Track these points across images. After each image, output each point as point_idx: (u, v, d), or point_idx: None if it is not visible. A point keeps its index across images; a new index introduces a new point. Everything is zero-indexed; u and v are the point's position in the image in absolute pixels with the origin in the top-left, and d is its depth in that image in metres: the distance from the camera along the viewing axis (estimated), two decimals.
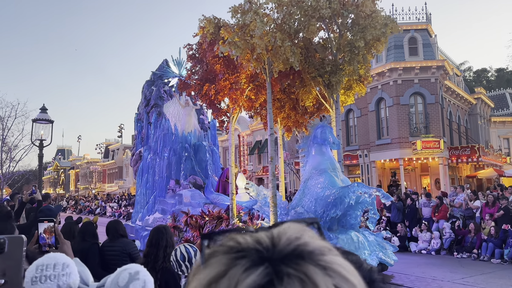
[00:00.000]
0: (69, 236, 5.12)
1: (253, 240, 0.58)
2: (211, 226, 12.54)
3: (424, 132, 25.21)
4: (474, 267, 12.66)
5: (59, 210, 6.36)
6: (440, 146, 24.70)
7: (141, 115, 18.94)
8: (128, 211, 31.25)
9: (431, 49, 26.63)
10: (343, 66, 11.47)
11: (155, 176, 16.67)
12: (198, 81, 12.26)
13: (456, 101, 32.27)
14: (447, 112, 29.48)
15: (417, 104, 26.42)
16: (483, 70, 63.29)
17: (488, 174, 29.90)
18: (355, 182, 10.37)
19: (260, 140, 41.65)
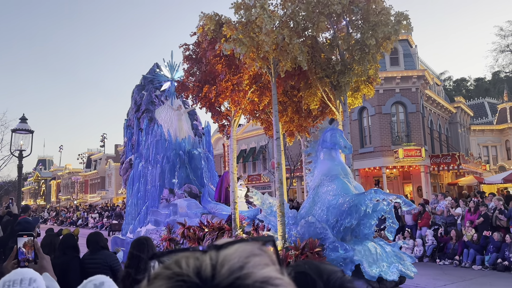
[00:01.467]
0: (50, 249, 5.09)
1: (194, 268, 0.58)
2: (211, 238, 11.48)
3: (405, 141, 25.70)
4: (456, 273, 12.89)
5: (37, 222, 5.61)
6: (421, 154, 25.12)
7: (131, 121, 17.82)
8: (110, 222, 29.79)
9: (411, 59, 27.16)
10: (352, 66, 10.59)
11: (147, 185, 15.55)
12: (196, 82, 11.24)
13: (436, 110, 32.83)
14: (428, 120, 30.04)
15: (398, 113, 26.84)
16: (463, 80, 64.27)
17: (469, 181, 30.43)
18: (372, 189, 9.50)
19: (245, 149, 40.90)
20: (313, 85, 11.54)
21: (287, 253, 9.88)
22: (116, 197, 58.19)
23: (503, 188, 29.85)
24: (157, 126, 15.87)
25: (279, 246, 10.36)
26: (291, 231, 11.02)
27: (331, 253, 9.84)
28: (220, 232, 11.34)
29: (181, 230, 12.53)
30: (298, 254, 9.78)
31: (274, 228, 11.22)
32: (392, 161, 25.37)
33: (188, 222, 12.77)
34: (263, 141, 38.88)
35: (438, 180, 30.26)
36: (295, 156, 33.00)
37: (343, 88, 10.87)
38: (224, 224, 11.45)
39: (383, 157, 25.12)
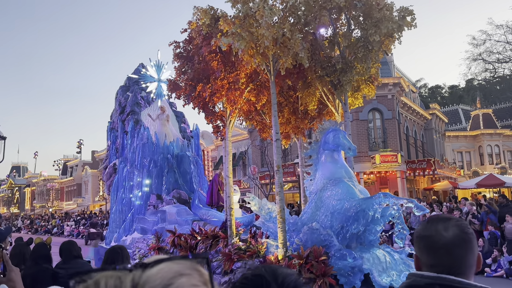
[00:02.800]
0: (20, 259, 4.97)
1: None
2: (204, 247, 10.64)
3: (382, 147, 26.28)
4: None
5: (9, 232, 5.10)
6: (397, 160, 25.61)
7: (115, 123, 16.86)
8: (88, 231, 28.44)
9: (387, 67, 27.68)
10: (354, 64, 9.96)
11: (132, 191, 14.54)
12: (189, 81, 10.44)
13: (412, 116, 33.58)
14: (403, 127, 30.74)
15: (375, 119, 27.41)
16: (438, 87, 65.25)
17: (444, 186, 31.10)
18: (381, 192, 8.88)
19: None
20: (312, 85, 10.87)
21: (290, 262, 9.11)
22: (92, 204, 56.60)
23: (476, 192, 30.50)
24: (143, 128, 14.96)
25: (280, 254, 9.63)
26: (292, 238, 10.29)
27: (338, 262, 9.12)
28: (214, 240, 10.52)
29: (171, 238, 11.68)
30: (302, 263, 9.03)
31: (272, 235, 10.52)
32: (369, 166, 25.77)
33: (178, 229, 11.94)
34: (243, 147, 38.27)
35: (414, 185, 30.81)
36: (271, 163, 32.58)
37: (345, 87, 10.23)
38: (218, 232, 10.63)
39: (361, 163, 25.38)
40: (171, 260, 0.63)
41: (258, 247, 9.67)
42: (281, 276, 1.01)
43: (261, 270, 1.04)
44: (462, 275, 1.53)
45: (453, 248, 1.54)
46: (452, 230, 1.56)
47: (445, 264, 1.54)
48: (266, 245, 9.88)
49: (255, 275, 1.03)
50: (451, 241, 1.54)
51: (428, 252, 1.58)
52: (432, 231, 1.58)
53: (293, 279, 1.01)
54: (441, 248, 1.55)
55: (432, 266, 1.56)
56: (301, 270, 9.19)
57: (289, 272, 1.03)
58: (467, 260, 1.55)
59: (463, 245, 1.55)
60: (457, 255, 1.54)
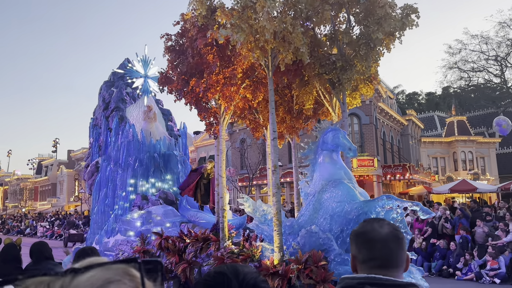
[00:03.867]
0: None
1: None
2: (194, 250, 9.96)
3: (359, 151, 27.01)
4: None
5: None
6: (374, 165, 26.15)
7: (98, 120, 16.01)
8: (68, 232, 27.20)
9: None
10: (354, 62, 9.47)
11: (116, 191, 13.73)
12: (181, 75, 9.79)
13: (389, 122, 34.12)
14: (381, 132, 31.30)
15: (353, 124, 27.72)
16: (415, 94, 66.17)
17: (419, 191, 31.63)
18: (384, 195, 8.34)
19: (204, 157, 39.51)
20: (310, 83, 10.35)
21: (287, 267, 8.52)
22: (67, 204, 55.07)
23: (451, 197, 31.19)
24: (128, 125, 14.16)
25: (276, 259, 9.03)
26: (288, 242, 9.70)
27: (338, 267, 8.58)
28: (205, 243, 9.86)
29: (158, 240, 10.97)
30: (301, 268, 8.44)
31: (267, 238, 9.94)
32: None
33: (166, 231, 11.21)
34: None
35: (390, 189, 31.16)
36: (254, 164, 32.19)
37: (344, 86, 9.74)
38: (209, 234, 9.97)
39: None
40: (103, 266, 0.62)
41: (253, 251, 9.06)
42: (242, 274, 1.06)
43: (223, 268, 1.08)
44: (395, 268, 1.62)
45: (388, 242, 1.63)
46: (386, 227, 1.67)
47: (381, 257, 1.61)
48: (261, 249, 9.27)
49: (218, 273, 1.07)
50: (386, 236, 1.64)
51: (366, 247, 1.66)
52: (369, 228, 1.68)
53: (253, 276, 1.08)
54: (378, 242, 1.63)
55: (370, 260, 1.63)
56: (300, 275, 8.64)
57: (250, 270, 1.10)
58: (400, 255, 1.65)
59: (397, 241, 1.64)
60: (391, 249, 1.63)
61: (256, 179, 32.43)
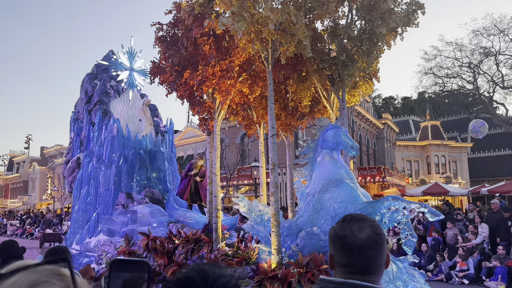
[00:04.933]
0: None
1: None
2: (184, 251, 9.27)
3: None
4: None
5: None
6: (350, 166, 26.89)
7: (80, 114, 15.10)
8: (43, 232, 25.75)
9: None
10: (356, 58, 8.99)
11: (98, 189, 12.93)
12: (174, 67, 9.10)
13: (365, 125, 34.41)
14: (357, 135, 31.78)
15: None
16: (391, 98, 66.81)
17: (393, 193, 32.30)
18: (389, 196, 7.87)
19: (182, 156, 38.69)
20: (308, 79, 9.81)
21: (287, 270, 7.92)
22: (40, 202, 53.23)
23: (423, 200, 31.72)
24: (112, 120, 13.30)
25: (274, 262, 8.43)
26: (286, 244, 9.11)
27: None
28: (197, 245, 9.18)
29: (145, 241, 10.23)
30: (302, 272, 7.86)
31: (263, 240, 9.37)
32: None
33: (153, 232, 10.46)
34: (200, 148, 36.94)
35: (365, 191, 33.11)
36: (232, 164, 31.73)
37: (345, 82, 9.23)
38: (201, 235, 9.30)
39: None
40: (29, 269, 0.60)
41: (249, 253, 8.43)
42: (211, 278, 1.02)
43: (192, 272, 1.04)
44: (371, 275, 1.57)
45: (366, 250, 1.57)
46: (366, 231, 1.59)
47: (357, 264, 1.56)
48: (258, 251, 8.65)
49: (185, 278, 1.03)
50: (365, 243, 1.57)
51: (343, 253, 1.60)
52: (347, 231, 1.61)
53: (225, 281, 1.02)
54: (355, 249, 1.57)
55: (346, 266, 1.58)
56: (301, 279, 8.09)
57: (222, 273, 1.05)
58: (378, 261, 1.60)
59: (375, 247, 1.58)
60: (369, 257, 1.57)
61: (234, 179, 31.87)
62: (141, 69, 14.67)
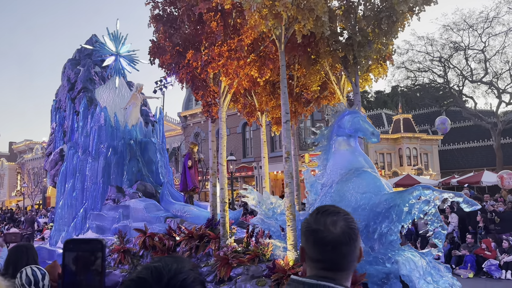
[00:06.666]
0: None
1: None
2: (187, 248, 8.27)
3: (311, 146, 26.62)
4: None
5: None
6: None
7: (62, 102, 13.75)
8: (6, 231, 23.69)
9: None
10: (373, 38, 8.15)
11: (85, 182, 11.71)
12: (175, 47, 8.04)
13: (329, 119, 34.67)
14: None
15: (306, 120, 27.56)
16: (365, 92, 66.74)
17: None
18: (419, 185, 7.09)
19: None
20: (320, 61, 8.92)
21: None
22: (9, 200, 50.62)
23: None
24: (99, 108, 12.05)
25: (291, 258, 7.58)
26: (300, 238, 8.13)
27: (367, 267, 7.24)
28: (202, 241, 8.18)
29: (141, 238, 9.17)
30: None
31: (274, 235, 8.49)
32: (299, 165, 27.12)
33: (149, 228, 9.38)
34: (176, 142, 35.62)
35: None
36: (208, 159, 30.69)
37: (361, 64, 8.39)
38: (206, 231, 8.29)
39: None
40: None
41: (263, 249, 7.49)
42: (166, 277, 0.96)
43: (145, 271, 0.98)
44: (343, 271, 1.53)
45: (339, 246, 1.52)
46: (340, 225, 1.53)
47: (330, 261, 1.52)
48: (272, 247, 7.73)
49: (137, 278, 0.98)
50: (338, 238, 1.52)
51: (315, 248, 1.54)
52: (321, 225, 1.54)
53: (182, 278, 0.96)
54: (328, 244, 1.51)
55: (318, 261, 1.54)
56: None
57: (179, 270, 0.99)
58: (351, 257, 1.55)
59: (349, 243, 1.53)
60: (343, 253, 1.52)
61: None
62: (128, 54, 13.47)
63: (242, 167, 30.51)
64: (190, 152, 11.59)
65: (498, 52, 38.85)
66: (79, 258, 1.06)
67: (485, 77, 39.29)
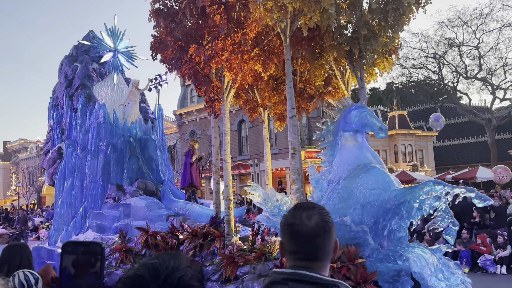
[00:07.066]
0: None
1: None
2: (191, 247, 8.05)
3: (307, 143, 27.18)
4: None
5: None
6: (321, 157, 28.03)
7: (60, 99, 13.42)
8: None
9: None
10: (379, 31, 7.96)
11: (84, 181, 11.44)
12: (177, 42, 7.79)
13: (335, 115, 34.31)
14: None
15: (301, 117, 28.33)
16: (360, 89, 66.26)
17: None
18: (430, 180, 6.87)
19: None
20: (324, 55, 8.71)
21: None
22: (4, 199, 50.19)
23: None
24: (98, 105, 11.77)
25: None
26: None
27: (378, 264, 7.04)
28: (206, 240, 7.95)
29: (143, 237, 8.92)
30: (336, 267, 6.77)
31: None
32: None
33: (151, 226, 9.14)
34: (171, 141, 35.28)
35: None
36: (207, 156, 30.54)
37: (366, 58, 8.19)
38: (210, 229, 8.06)
39: (285, 159, 25.70)
40: None
41: (270, 247, 7.28)
42: (163, 275, 0.95)
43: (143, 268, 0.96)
44: (320, 261, 1.58)
45: (313, 238, 1.57)
46: (314, 219, 1.59)
47: (305, 252, 1.57)
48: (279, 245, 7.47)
49: (135, 276, 0.96)
50: (312, 231, 1.58)
51: (292, 240, 1.61)
52: (297, 219, 1.61)
53: (179, 275, 0.95)
54: (304, 236, 1.57)
55: (295, 253, 1.59)
56: (334, 275, 6.94)
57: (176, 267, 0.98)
58: (326, 248, 1.60)
59: (323, 235, 1.58)
60: (317, 244, 1.58)
61: (206, 172, 30.68)
62: (126, 51, 13.19)
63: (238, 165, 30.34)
64: (191, 149, 11.34)
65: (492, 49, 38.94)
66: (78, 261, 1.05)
67: (479, 73, 39.34)
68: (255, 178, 28.37)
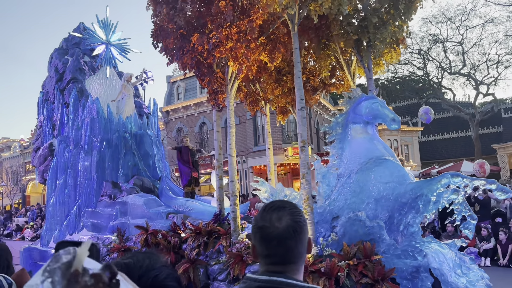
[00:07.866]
0: None
1: None
2: (195, 245, 7.61)
3: (294, 140, 26.83)
4: None
5: None
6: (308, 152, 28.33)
7: (50, 94, 12.75)
8: None
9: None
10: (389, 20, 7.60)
11: (78, 178, 10.82)
12: (178, 30, 7.30)
13: (322, 111, 34.40)
14: (314, 121, 31.52)
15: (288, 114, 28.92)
16: None
17: None
18: (448, 172, 6.54)
19: None
20: (331, 45, 8.31)
21: (331, 263, 6.43)
22: None
23: None
24: (91, 100, 11.15)
25: (311, 254, 6.87)
26: (317, 233, 7.69)
27: (395, 261, 6.70)
28: (211, 238, 7.50)
29: (143, 236, 8.42)
30: (351, 265, 6.41)
31: None
32: (282, 158, 26.18)
33: (150, 225, 8.64)
34: None
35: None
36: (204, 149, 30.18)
37: (376, 48, 7.81)
38: (215, 226, 7.61)
39: (275, 155, 26.97)
40: None
41: None
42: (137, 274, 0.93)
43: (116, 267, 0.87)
44: (293, 263, 1.53)
45: (284, 240, 1.51)
46: (285, 220, 1.52)
47: (277, 255, 1.52)
48: None
49: None
50: (283, 233, 1.51)
51: (262, 243, 1.53)
52: (267, 221, 1.53)
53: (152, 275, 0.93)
54: (274, 239, 1.51)
55: (266, 257, 1.53)
56: (350, 273, 6.60)
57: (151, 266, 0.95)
58: (298, 249, 1.55)
59: (294, 236, 1.53)
60: (288, 247, 1.52)
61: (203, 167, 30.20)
62: (119, 43, 12.59)
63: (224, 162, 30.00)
64: (186, 145, 10.87)
65: (475, 44, 39.25)
66: None
67: (463, 69, 39.62)
68: (243, 175, 27.98)
